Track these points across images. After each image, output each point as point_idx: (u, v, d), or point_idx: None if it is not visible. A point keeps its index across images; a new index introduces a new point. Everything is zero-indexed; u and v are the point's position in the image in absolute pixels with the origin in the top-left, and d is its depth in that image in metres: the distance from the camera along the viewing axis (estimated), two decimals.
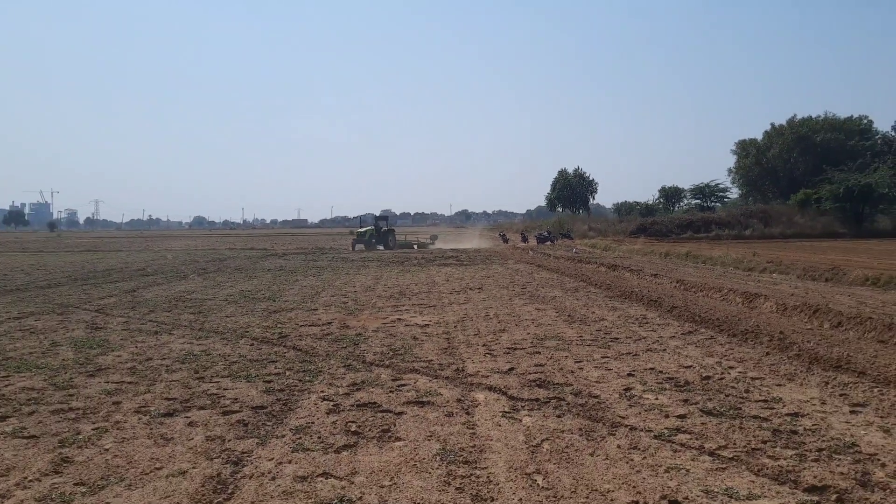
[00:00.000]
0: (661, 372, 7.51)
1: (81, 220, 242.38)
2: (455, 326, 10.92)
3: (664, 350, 8.77)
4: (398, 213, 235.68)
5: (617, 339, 9.63)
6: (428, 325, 11.16)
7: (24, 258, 33.46)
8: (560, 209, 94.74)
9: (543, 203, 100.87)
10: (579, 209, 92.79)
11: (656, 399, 6.40)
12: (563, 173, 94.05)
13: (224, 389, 6.89)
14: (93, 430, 5.59)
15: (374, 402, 6.37)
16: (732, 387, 6.82)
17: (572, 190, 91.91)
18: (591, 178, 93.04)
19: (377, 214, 43.54)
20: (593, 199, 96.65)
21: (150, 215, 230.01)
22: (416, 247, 41.86)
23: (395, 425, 5.70)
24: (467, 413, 6.03)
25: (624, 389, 6.76)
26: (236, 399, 6.51)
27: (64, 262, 29.46)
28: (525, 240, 48.92)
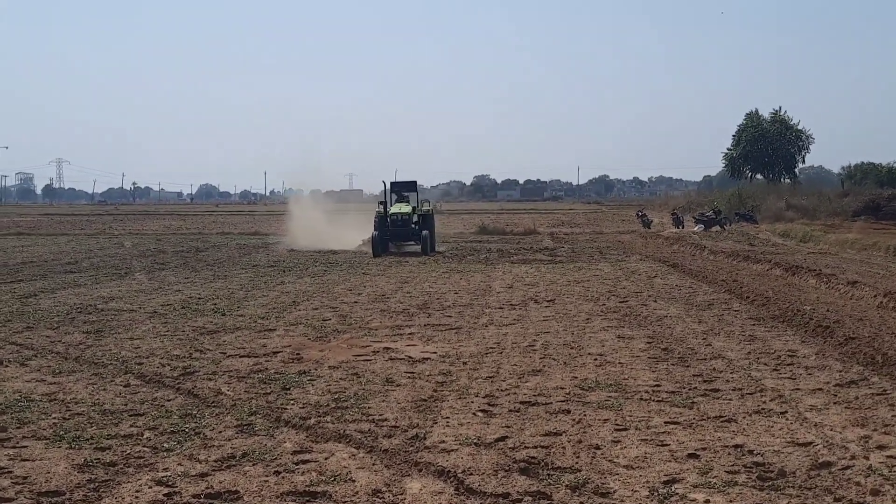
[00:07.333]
0: (750, 451, 6.74)
1: (39, 188, 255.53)
2: (467, 363, 10.44)
3: (784, 413, 7.95)
4: (499, 181, 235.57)
5: (716, 391, 8.86)
6: (428, 358, 10.74)
7: None
8: (749, 174, 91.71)
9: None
10: (780, 175, 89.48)
11: None
12: (753, 118, 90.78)
13: (22, 460, 6.64)
14: None
15: (233, 492, 5.96)
16: (857, 483, 6.00)
17: (769, 144, 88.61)
18: (799, 128, 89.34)
19: (395, 181, 32.73)
20: (803, 160, 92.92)
21: (133, 182, 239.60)
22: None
23: None
24: None
25: (664, 482, 6.05)
26: (25, 478, 6.23)
27: None
28: (679, 223, 47.56)
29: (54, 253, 30.31)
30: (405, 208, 30.05)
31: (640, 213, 53.51)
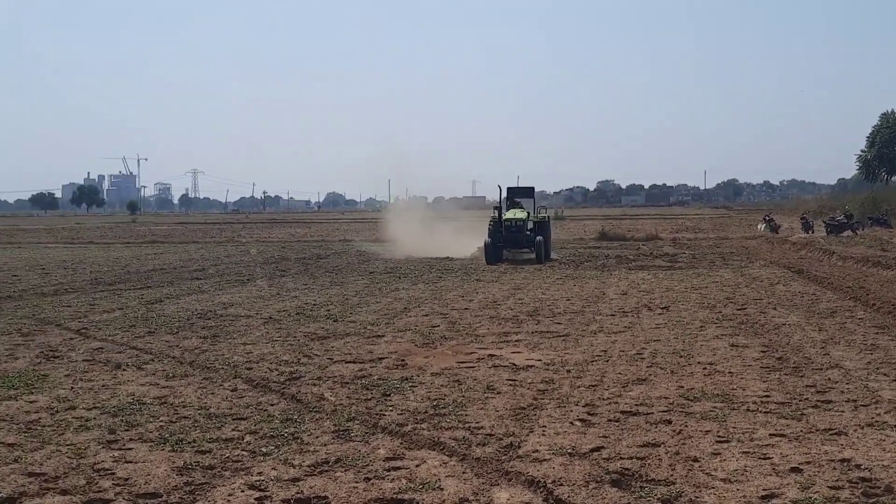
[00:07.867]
0: (857, 466, 6.42)
1: (176, 198, 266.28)
2: (571, 371, 10.28)
3: None
4: (624, 187, 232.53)
5: (829, 402, 8.48)
6: (532, 366, 10.62)
7: (62, 253, 36.96)
8: (885, 176, 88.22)
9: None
10: None
11: None
12: (889, 118, 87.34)
13: (125, 462, 6.83)
14: None
15: (322, 497, 6.00)
16: None
17: None
18: None
19: (512, 187, 32.66)
20: None
21: (264, 191, 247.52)
22: None
23: None
24: None
25: (762, 497, 5.81)
26: (126, 479, 6.40)
27: (107, 259, 32.25)
28: (809, 227, 45.93)
29: (183, 260, 31.36)
30: (520, 214, 29.13)
31: (767, 218, 51.94)
